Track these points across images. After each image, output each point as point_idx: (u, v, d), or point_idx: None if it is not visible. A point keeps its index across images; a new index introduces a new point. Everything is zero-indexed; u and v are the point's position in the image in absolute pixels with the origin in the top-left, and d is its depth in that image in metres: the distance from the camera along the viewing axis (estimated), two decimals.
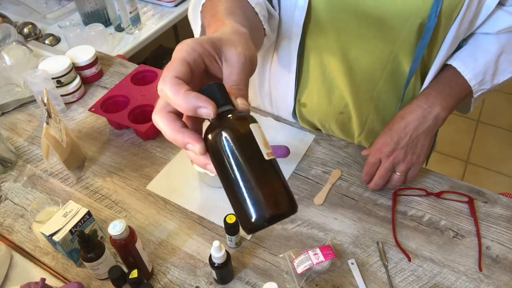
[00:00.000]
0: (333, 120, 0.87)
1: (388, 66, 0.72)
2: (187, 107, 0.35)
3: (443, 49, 0.69)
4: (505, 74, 0.72)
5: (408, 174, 0.76)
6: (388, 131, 0.74)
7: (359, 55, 0.72)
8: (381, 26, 0.66)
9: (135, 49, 1.50)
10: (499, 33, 0.69)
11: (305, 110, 0.88)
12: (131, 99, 0.97)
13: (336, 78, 0.77)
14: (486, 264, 0.71)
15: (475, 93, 0.72)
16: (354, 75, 0.75)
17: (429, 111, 0.71)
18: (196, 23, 0.63)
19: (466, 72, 0.70)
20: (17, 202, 0.84)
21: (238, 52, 0.39)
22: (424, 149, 0.74)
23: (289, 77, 0.82)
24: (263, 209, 0.35)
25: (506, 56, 0.70)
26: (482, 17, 0.66)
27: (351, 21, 0.67)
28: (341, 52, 0.72)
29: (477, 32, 0.71)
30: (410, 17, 0.64)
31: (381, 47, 0.70)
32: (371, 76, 0.75)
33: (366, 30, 0.68)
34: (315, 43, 0.74)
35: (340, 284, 0.69)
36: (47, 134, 0.76)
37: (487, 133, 2.31)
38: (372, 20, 0.66)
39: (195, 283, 0.70)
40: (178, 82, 0.36)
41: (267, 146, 0.37)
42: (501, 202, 0.79)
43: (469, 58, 0.71)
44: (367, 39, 0.69)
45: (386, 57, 0.71)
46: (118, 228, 0.62)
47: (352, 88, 0.77)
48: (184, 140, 0.37)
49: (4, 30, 1.21)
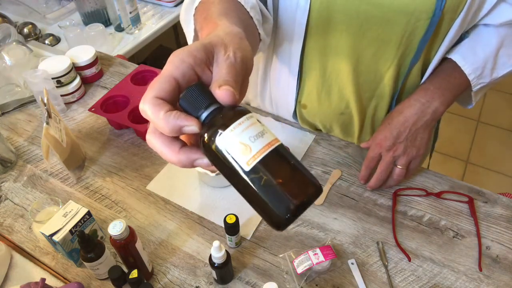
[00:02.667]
0: (334, 120, 0.87)
1: (392, 65, 0.72)
2: (170, 129, 0.34)
3: (446, 42, 0.69)
4: (504, 68, 0.72)
5: (410, 167, 0.76)
6: (387, 126, 0.74)
7: (363, 55, 0.72)
8: (385, 23, 0.66)
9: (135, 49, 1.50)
10: (500, 26, 0.69)
11: (306, 111, 0.88)
12: (131, 99, 0.97)
13: (338, 79, 0.77)
14: (486, 264, 0.71)
15: (474, 87, 0.73)
16: (358, 75, 0.75)
17: (428, 105, 0.71)
18: (188, 25, 0.61)
19: (466, 67, 0.70)
20: (17, 202, 0.84)
21: (228, 54, 0.37)
22: (424, 142, 0.74)
23: (290, 79, 0.82)
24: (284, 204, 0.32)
25: (505, 50, 0.70)
26: (486, 9, 0.66)
27: (354, 20, 0.67)
28: (345, 52, 0.72)
29: (478, 24, 0.71)
30: (415, 13, 0.63)
31: (385, 45, 0.69)
32: (375, 74, 0.75)
33: (370, 29, 0.67)
34: (317, 44, 0.74)
35: (340, 284, 0.69)
36: (47, 134, 0.76)
37: (487, 133, 2.31)
38: (376, 18, 0.66)
39: (195, 283, 0.70)
40: (158, 102, 0.34)
41: (269, 134, 0.34)
42: (501, 202, 0.79)
43: (469, 52, 0.71)
44: (371, 37, 0.69)
45: (391, 54, 0.71)
46: (118, 228, 0.62)
47: (355, 88, 0.77)
48: (190, 159, 0.35)
49: (4, 30, 1.21)
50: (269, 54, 0.82)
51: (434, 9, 0.62)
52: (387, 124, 0.74)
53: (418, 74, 0.76)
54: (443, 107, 0.71)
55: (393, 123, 0.73)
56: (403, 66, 0.73)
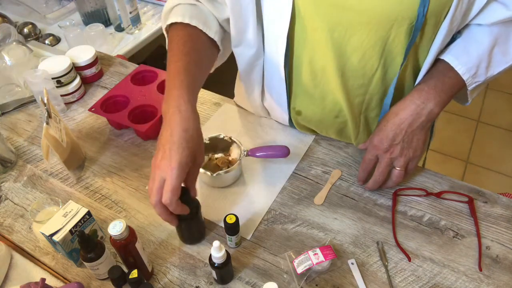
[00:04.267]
0: (330, 125, 0.87)
1: (379, 68, 0.73)
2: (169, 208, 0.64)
3: (436, 45, 0.69)
4: (499, 65, 0.71)
5: (408, 168, 0.76)
6: (383, 128, 0.74)
7: (349, 61, 0.72)
8: (368, 29, 0.67)
9: (135, 49, 1.50)
10: (492, 25, 0.69)
11: (301, 118, 0.88)
12: (131, 99, 0.97)
13: (328, 84, 0.78)
14: (486, 264, 0.71)
15: (469, 86, 0.73)
16: (346, 80, 0.75)
17: (423, 107, 0.71)
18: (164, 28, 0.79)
19: (459, 67, 0.70)
20: (17, 202, 0.84)
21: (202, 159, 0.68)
22: (420, 143, 0.74)
23: (281, 87, 0.83)
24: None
25: (499, 48, 0.70)
26: (475, 10, 0.65)
27: (339, 26, 0.68)
28: (331, 59, 0.72)
29: (470, 24, 0.71)
30: (398, 18, 0.64)
31: (371, 50, 0.70)
32: (363, 79, 0.75)
33: (354, 35, 0.68)
34: (303, 52, 0.75)
35: (340, 284, 0.69)
36: (47, 134, 0.76)
37: (487, 133, 2.31)
38: (359, 25, 0.66)
39: (195, 283, 0.70)
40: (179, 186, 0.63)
41: None
42: (501, 202, 0.79)
43: (462, 51, 0.71)
44: (355, 44, 0.69)
45: (376, 60, 0.71)
46: (118, 228, 0.62)
47: (344, 93, 0.77)
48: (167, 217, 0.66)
49: (4, 30, 1.21)
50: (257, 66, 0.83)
51: (417, 15, 0.62)
52: (382, 126, 0.74)
53: (410, 77, 0.76)
54: (438, 108, 0.71)
55: (389, 125, 0.73)
56: (390, 70, 0.73)
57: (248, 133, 0.94)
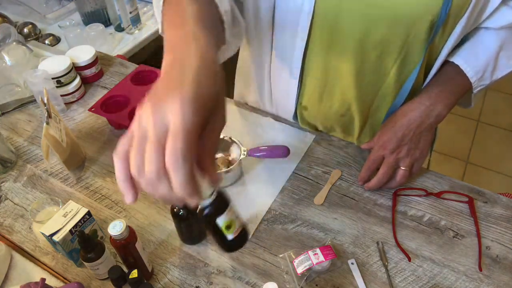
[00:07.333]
0: (335, 122, 0.87)
1: (394, 66, 0.72)
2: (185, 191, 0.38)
3: (449, 44, 0.69)
4: (504, 69, 0.72)
5: (413, 169, 0.76)
6: (391, 128, 0.74)
7: (367, 57, 0.71)
8: (390, 25, 0.66)
9: (135, 49, 1.50)
10: (500, 29, 0.69)
11: (306, 113, 0.88)
12: (131, 99, 0.97)
13: (340, 81, 0.77)
14: (486, 264, 0.71)
15: (475, 89, 0.73)
16: (362, 76, 0.75)
17: (432, 109, 0.72)
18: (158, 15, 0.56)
19: (468, 70, 0.71)
20: (17, 202, 0.84)
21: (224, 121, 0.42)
22: (427, 144, 0.75)
23: (291, 81, 0.82)
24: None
25: (505, 52, 0.71)
26: (488, 12, 0.66)
27: (359, 23, 0.67)
28: (349, 54, 0.72)
29: (479, 27, 0.71)
30: (421, 15, 0.64)
31: (391, 47, 0.69)
32: (378, 75, 0.75)
33: (375, 31, 0.67)
34: (320, 47, 0.74)
35: (340, 284, 0.69)
36: (47, 134, 0.76)
37: (487, 133, 2.31)
38: (381, 21, 0.66)
39: (195, 283, 0.70)
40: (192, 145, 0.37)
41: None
42: (501, 202, 0.79)
43: (471, 55, 0.71)
44: (376, 40, 0.68)
45: (394, 57, 0.71)
46: (118, 228, 0.62)
47: (357, 89, 0.76)
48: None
49: (4, 30, 1.21)
50: (269, 55, 0.82)
51: (440, 12, 0.62)
52: (390, 126, 0.74)
53: (421, 75, 0.76)
54: (446, 111, 0.72)
55: (398, 125, 0.73)
56: (406, 67, 0.73)
57: (248, 133, 0.94)
